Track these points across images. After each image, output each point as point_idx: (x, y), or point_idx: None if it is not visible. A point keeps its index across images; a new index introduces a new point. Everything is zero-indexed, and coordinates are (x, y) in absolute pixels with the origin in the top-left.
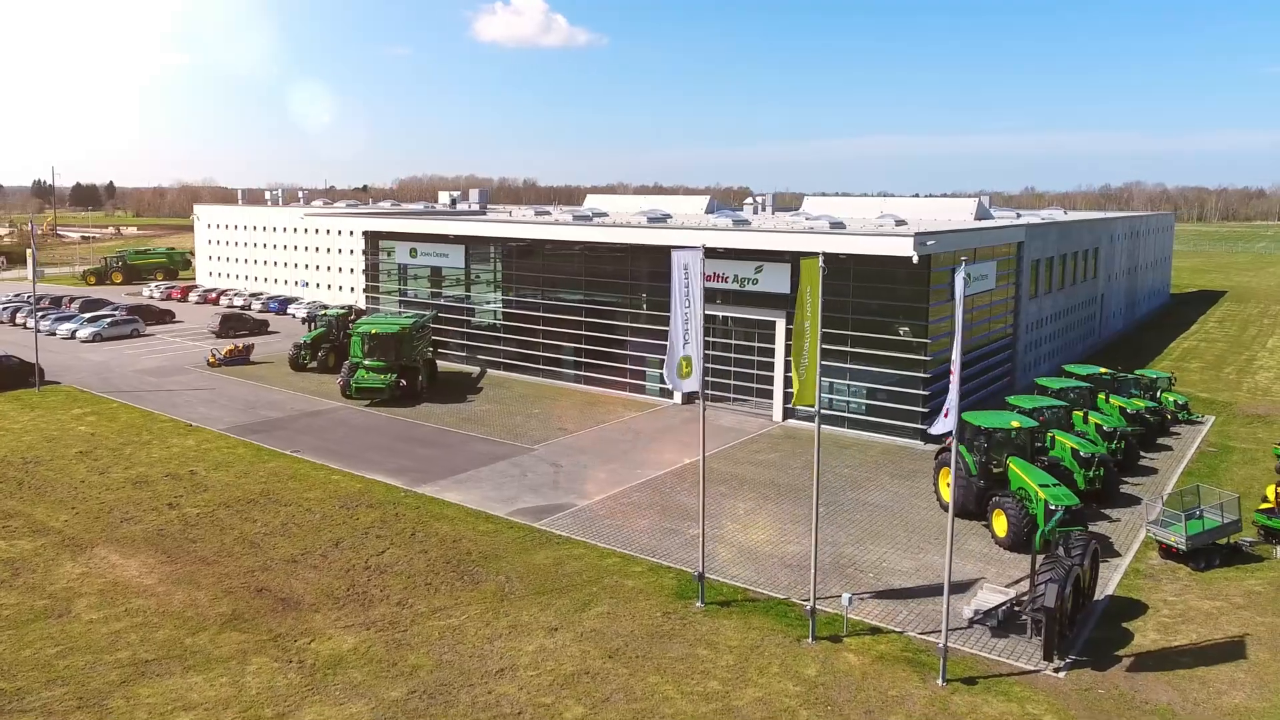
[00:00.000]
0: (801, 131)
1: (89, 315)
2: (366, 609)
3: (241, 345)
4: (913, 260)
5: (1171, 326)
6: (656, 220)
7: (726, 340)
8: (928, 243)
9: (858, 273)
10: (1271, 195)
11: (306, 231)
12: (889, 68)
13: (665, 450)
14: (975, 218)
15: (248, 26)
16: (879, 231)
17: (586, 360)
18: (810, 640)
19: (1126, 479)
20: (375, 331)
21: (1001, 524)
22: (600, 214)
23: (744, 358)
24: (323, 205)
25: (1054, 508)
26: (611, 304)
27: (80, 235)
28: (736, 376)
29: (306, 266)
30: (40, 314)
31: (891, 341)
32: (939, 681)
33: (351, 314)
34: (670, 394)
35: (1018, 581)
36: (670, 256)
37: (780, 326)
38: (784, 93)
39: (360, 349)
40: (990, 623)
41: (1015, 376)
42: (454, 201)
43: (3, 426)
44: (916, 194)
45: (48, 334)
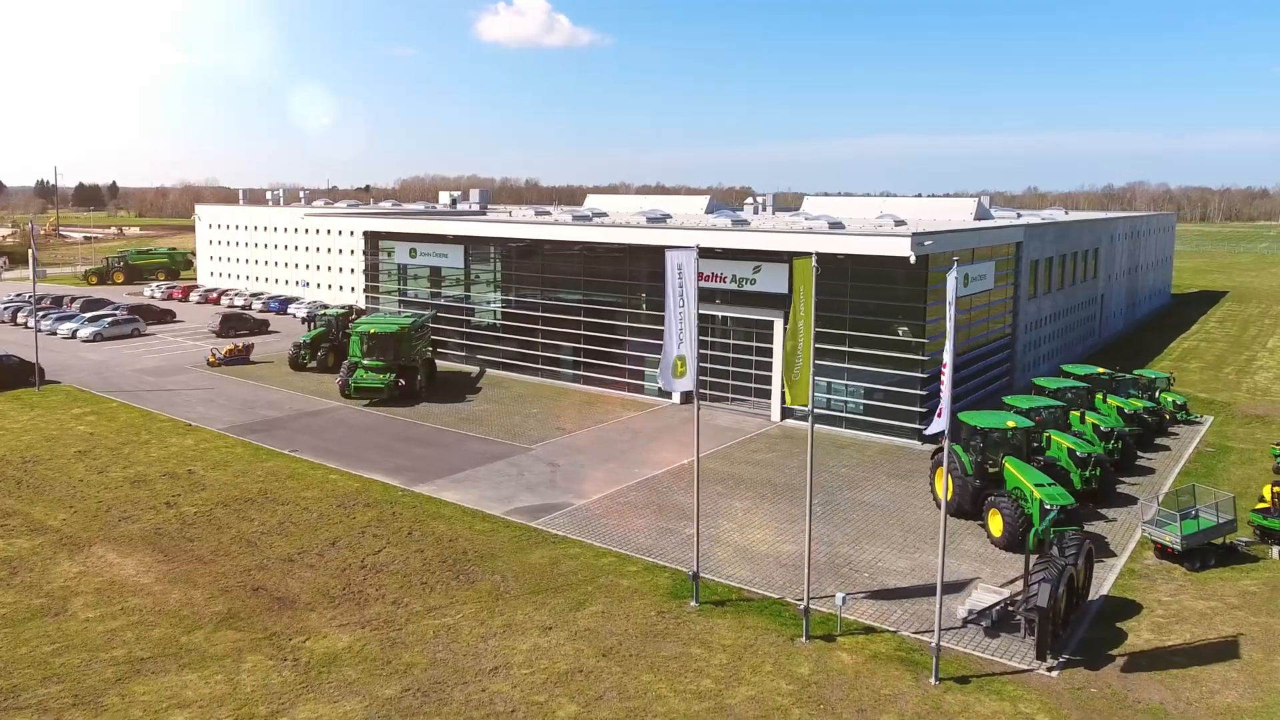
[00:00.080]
0: (803, 131)
1: (90, 315)
2: (362, 608)
3: (241, 345)
4: (910, 260)
5: (1172, 327)
6: (656, 220)
7: (725, 340)
8: (925, 243)
9: (856, 273)
10: (1275, 195)
11: (307, 231)
12: (891, 68)
13: (663, 450)
14: (975, 218)
15: (250, 27)
16: (876, 232)
17: (585, 360)
18: (804, 639)
19: (1124, 479)
20: (374, 331)
21: (997, 524)
22: (600, 214)
23: (742, 358)
24: (324, 205)
25: (1049, 507)
26: (611, 304)
27: (83, 235)
28: (735, 376)
29: (307, 266)
30: (41, 314)
31: (889, 341)
32: (932, 680)
33: (352, 314)
34: (669, 394)
35: (1012, 581)
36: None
37: (778, 326)
38: (786, 93)
39: (359, 349)
40: (984, 622)
41: (1014, 377)
42: (454, 201)
43: (2, 426)
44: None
45: (48, 334)
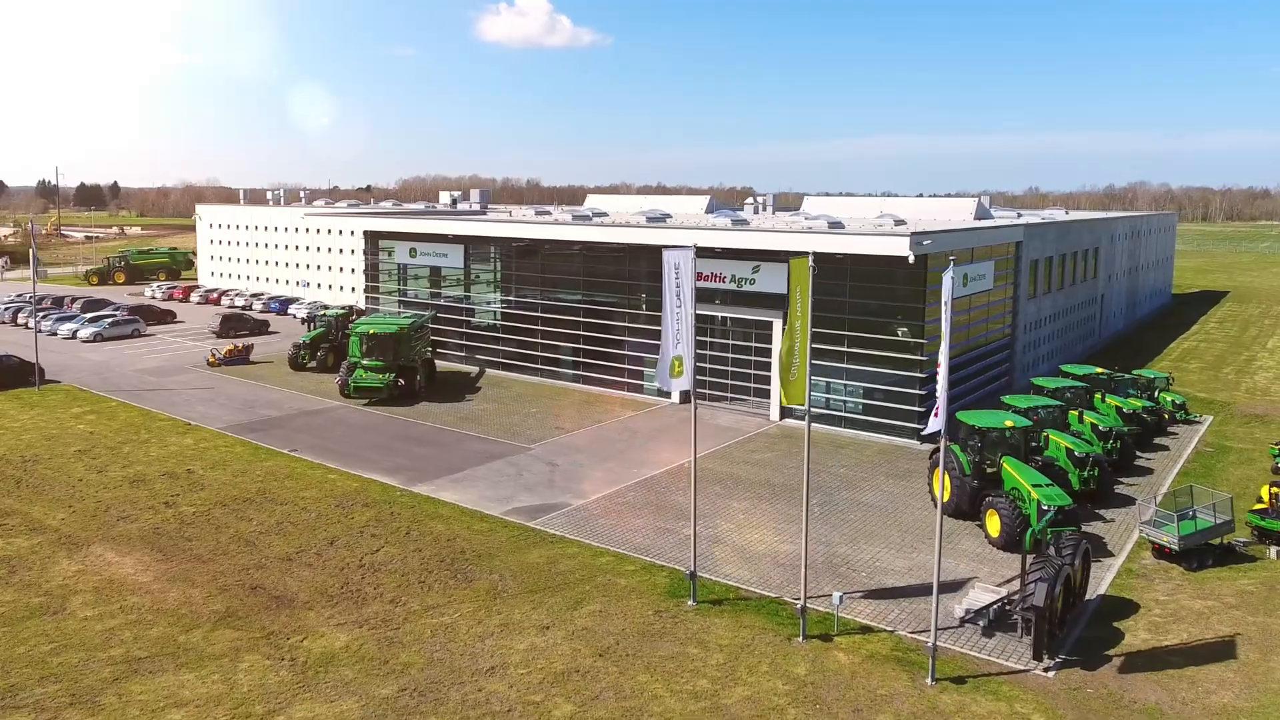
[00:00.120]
0: (804, 132)
1: (90, 315)
2: (359, 607)
3: (241, 345)
4: (909, 260)
5: (1172, 327)
6: (656, 220)
7: (724, 340)
8: (924, 242)
9: (855, 273)
10: (1276, 195)
11: (307, 231)
12: (891, 68)
13: (662, 450)
14: (975, 218)
15: (250, 27)
16: (875, 231)
17: (585, 360)
18: (801, 639)
19: (1122, 479)
20: (373, 331)
21: (995, 524)
22: (600, 214)
23: (741, 358)
24: (324, 205)
25: (1046, 507)
26: (610, 304)
27: (84, 235)
28: (734, 376)
29: (307, 266)
30: (42, 314)
31: (888, 341)
32: (928, 680)
33: (352, 314)
34: (668, 394)
35: (1009, 581)
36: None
37: (778, 326)
38: (787, 93)
39: (358, 349)
40: (981, 622)
41: (1014, 376)
42: (454, 201)
43: (2, 425)
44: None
45: (49, 334)
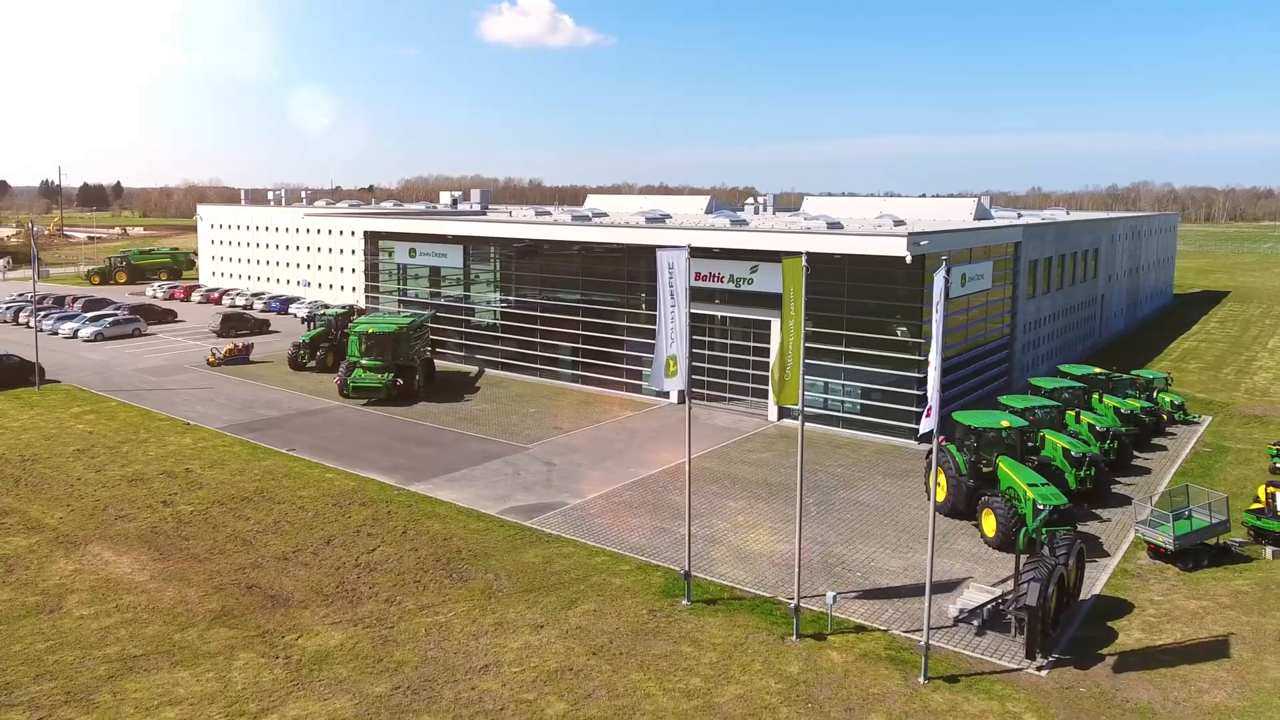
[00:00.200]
0: (806, 132)
1: (91, 315)
2: (355, 606)
3: (241, 345)
4: (906, 260)
5: (1173, 327)
6: (655, 220)
7: (722, 340)
8: (921, 243)
9: (853, 273)
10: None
11: (308, 231)
12: (893, 68)
13: (660, 449)
14: (974, 218)
15: (254, 27)
16: (873, 231)
17: (584, 360)
18: (794, 638)
19: (1120, 479)
20: (372, 331)
21: (990, 523)
22: (600, 214)
23: (739, 357)
24: (325, 205)
25: (1041, 507)
26: (609, 304)
27: (87, 235)
28: (732, 376)
29: (308, 266)
30: (43, 313)
31: (886, 341)
32: (921, 679)
33: (352, 314)
34: (666, 394)
35: (1004, 581)
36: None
37: (776, 326)
38: (789, 93)
39: (358, 348)
40: (975, 621)
41: (1013, 377)
42: (455, 202)
43: (2, 425)
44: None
45: (50, 333)
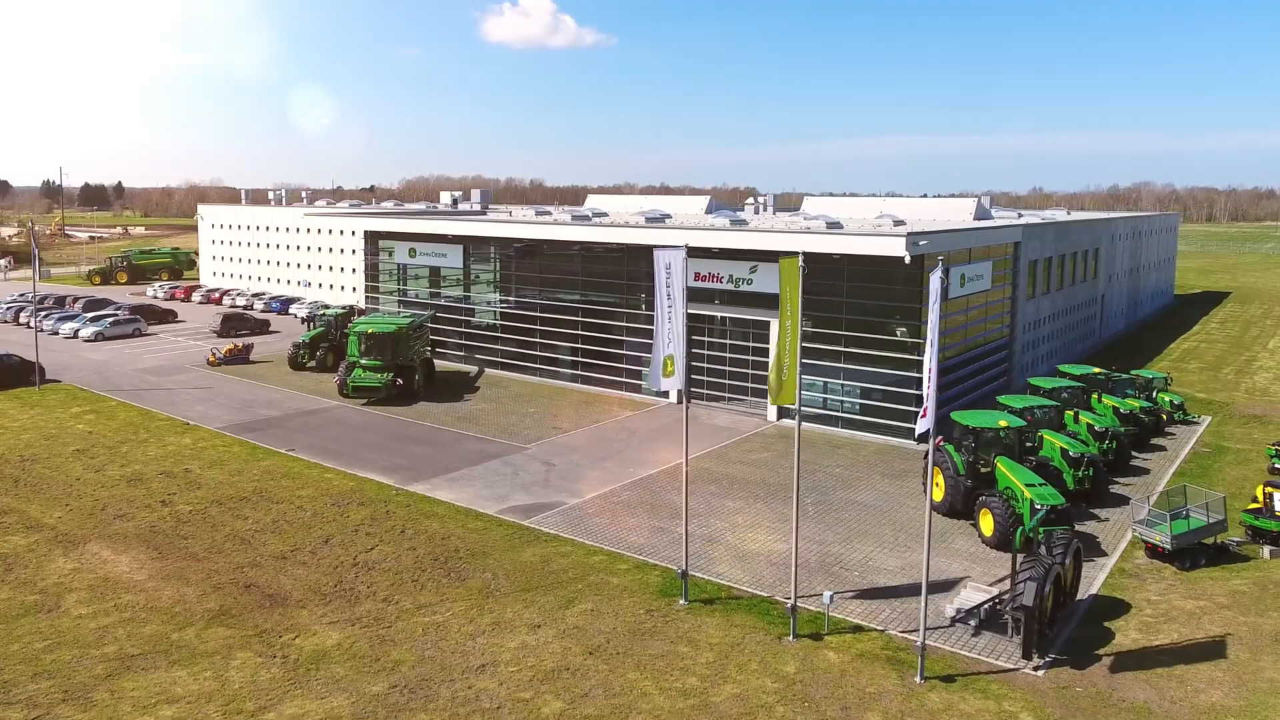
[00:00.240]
0: (808, 132)
1: (91, 315)
2: (352, 605)
3: (241, 344)
4: (905, 260)
5: (1173, 327)
6: (655, 220)
7: (722, 340)
8: (920, 243)
9: (852, 273)
10: None
11: (308, 231)
12: (896, 69)
13: (659, 449)
14: (974, 218)
15: (255, 28)
16: (871, 231)
17: (583, 360)
18: (791, 638)
19: (1118, 479)
20: (372, 331)
21: (988, 523)
22: (600, 214)
23: (739, 358)
24: (326, 205)
25: (1039, 506)
26: (609, 304)
27: (88, 235)
28: (731, 376)
29: (308, 266)
30: (44, 313)
31: (886, 341)
32: (917, 679)
33: (353, 314)
34: (666, 393)
35: (1000, 580)
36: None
37: (774, 327)
38: (791, 93)
39: (357, 348)
40: (972, 621)
41: (1012, 377)
42: (455, 202)
43: (2, 424)
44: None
45: (50, 333)
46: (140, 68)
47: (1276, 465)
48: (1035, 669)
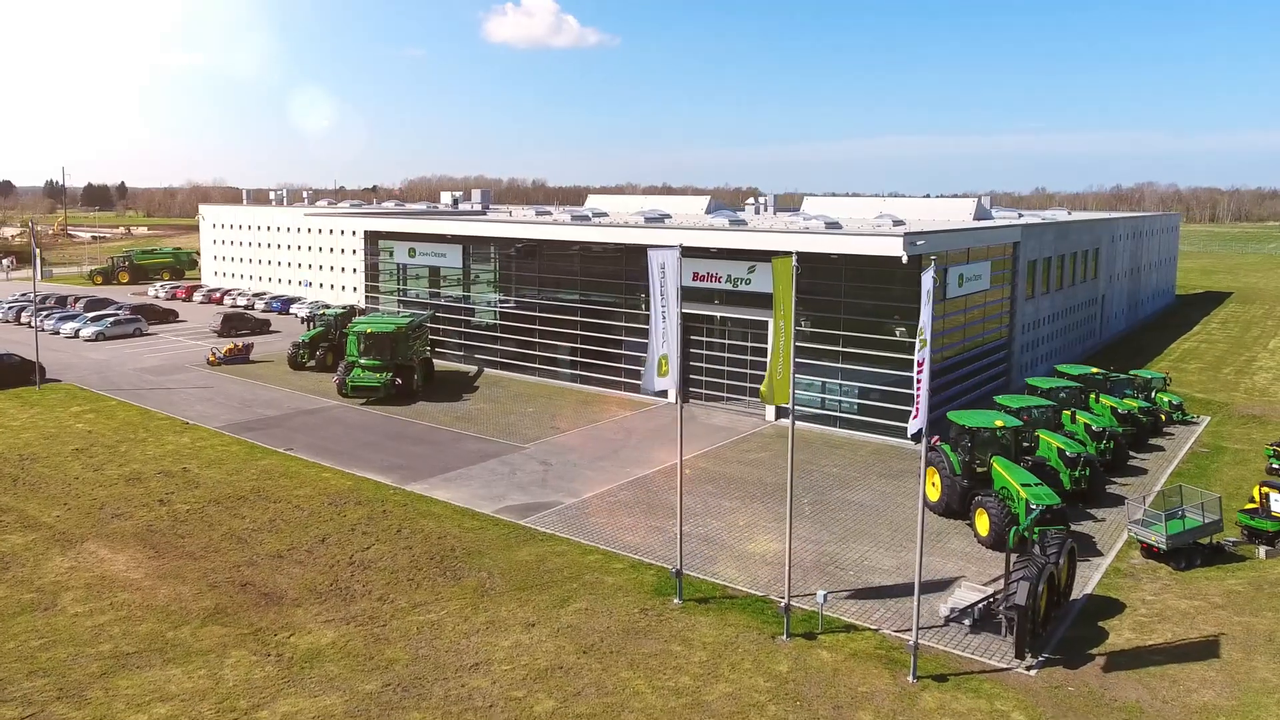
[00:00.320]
0: (812, 132)
1: (92, 314)
2: (348, 604)
3: (241, 344)
4: (903, 260)
5: (1174, 327)
6: (654, 220)
7: (720, 340)
8: (918, 243)
9: (850, 273)
10: None
11: (309, 231)
12: (899, 69)
13: (657, 449)
14: (974, 218)
15: (258, 28)
16: (869, 231)
17: (583, 360)
18: (784, 637)
19: (1116, 479)
20: (371, 331)
21: (984, 523)
22: (600, 214)
23: (737, 357)
24: (327, 205)
25: (1034, 506)
26: (608, 304)
27: (91, 235)
28: (730, 376)
29: (309, 266)
30: (45, 313)
31: (884, 341)
32: (910, 678)
33: (353, 314)
34: (664, 393)
35: (995, 580)
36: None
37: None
38: (793, 93)
39: (356, 348)
40: (966, 621)
41: (1011, 377)
42: (455, 202)
43: (1, 424)
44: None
45: (52, 333)
46: (141, 68)
47: (1274, 465)
48: (1028, 668)
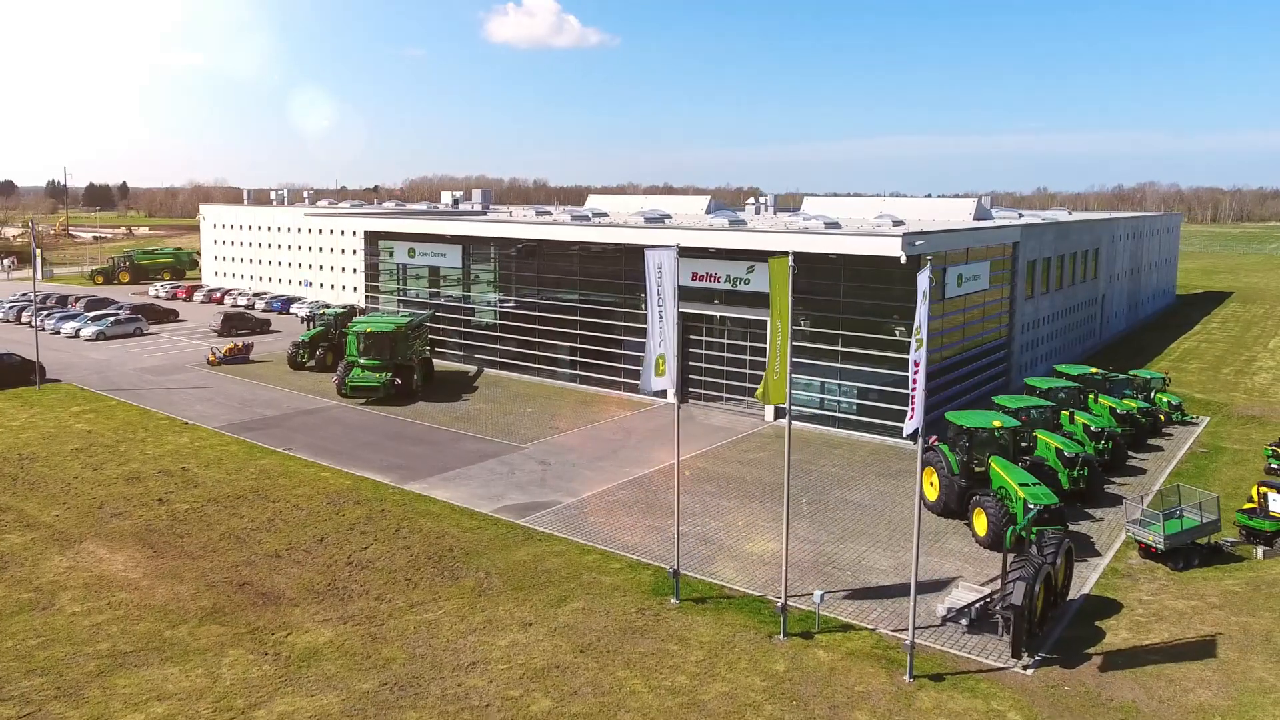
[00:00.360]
0: (814, 133)
1: (93, 314)
2: (345, 603)
3: (241, 344)
4: (901, 260)
5: (1174, 327)
6: (654, 220)
7: (720, 340)
8: (916, 243)
9: (849, 273)
10: None
11: (309, 231)
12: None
13: (656, 449)
14: (974, 218)
15: (256, 28)
16: (868, 231)
17: (582, 360)
18: (781, 637)
19: (1114, 479)
20: (370, 331)
21: (982, 523)
22: (600, 214)
23: (736, 357)
24: (328, 205)
25: (1031, 506)
26: (607, 304)
27: (92, 235)
28: (729, 376)
29: (309, 266)
30: (45, 313)
31: (883, 341)
32: (906, 678)
33: (353, 314)
34: (663, 393)
35: (992, 580)
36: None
37: None
38: (795, 93)
39: (355, 348)
40: (963, 621)
41: (1011, 377)
42: (456, 202)
43: (1, 423)
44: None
45: (52, 333)
46: (141, 68)
47: (1273, 465)
48: (1025, 668)
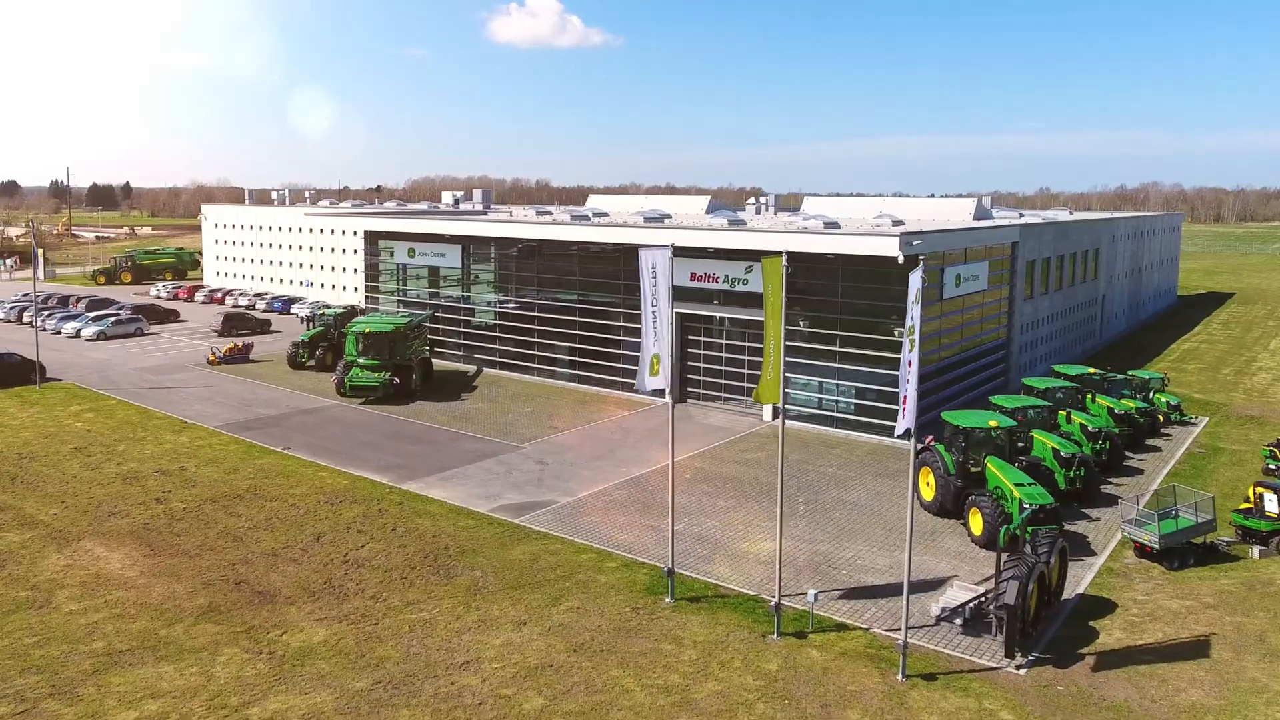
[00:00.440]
0: (815, 133)
1: (94, 314)
2: (341, 602)
3: (241, 344)
4: (899, 260)
5: (1175, 328)
6: (654, 220)
7: (718, 340)
8: (914, 243)
9: (847, 273)
10: None
11: (310, 231)
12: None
13: (653, 449)
14: (974, 218)
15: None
16: (866, 231)
17: (581, 359)
18: (775, 636)
19: (1111, 479)
20: (369, 330)
21: (977, 522)
22: (600, 214)
23: (735, 357)
24: (329, 205)
25: (1026, 505)
26: (607, 304)
27: (94, 235)
28: (727, 376)
29: (310, 266)
30: (46, 313)
31: (881, 341)
32: (899, 677)
33: (353, 314)
34: (661, 393)
35: (987, 579)
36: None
37: None
38: (796, 93)
39: (355, 348)
40: (957, 620)
41: (1010, 378)
42: (457, 202)
43: (1, 423)
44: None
45: (53, 332)
46: (141, 68)
47: (1270, 466)
48: (1017, 667)
